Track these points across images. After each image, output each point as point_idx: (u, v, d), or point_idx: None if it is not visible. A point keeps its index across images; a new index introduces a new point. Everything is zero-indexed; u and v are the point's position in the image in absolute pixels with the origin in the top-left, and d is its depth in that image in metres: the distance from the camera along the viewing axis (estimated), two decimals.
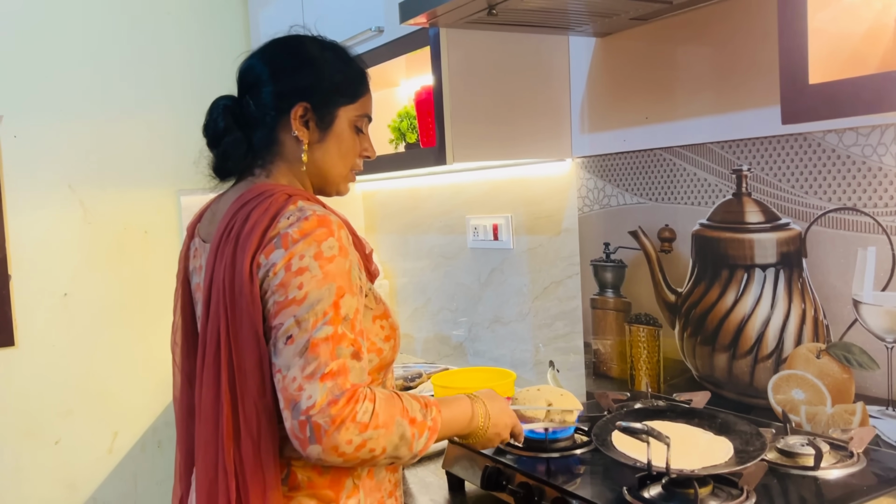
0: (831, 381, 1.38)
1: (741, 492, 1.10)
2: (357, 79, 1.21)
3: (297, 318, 0.99)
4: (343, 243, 1.04)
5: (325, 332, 0.98)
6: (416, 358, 2.62)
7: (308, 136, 1.16)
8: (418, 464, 1.61)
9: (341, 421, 0.96)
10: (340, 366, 0.98)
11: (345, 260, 1.03)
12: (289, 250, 1.01)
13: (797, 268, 1.42)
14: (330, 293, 1.00)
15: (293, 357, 0.98)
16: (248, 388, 1.03)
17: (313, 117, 1.16)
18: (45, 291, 2.50)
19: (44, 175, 2.49)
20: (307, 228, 1.03)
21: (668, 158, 1.65)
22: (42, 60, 2.48)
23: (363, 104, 1.21)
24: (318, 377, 0.97)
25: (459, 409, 1.14)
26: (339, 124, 1.18)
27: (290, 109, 1.15)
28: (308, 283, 1.00)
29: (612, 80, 1.77)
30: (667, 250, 1.67)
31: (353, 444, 0.97)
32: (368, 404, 0.98)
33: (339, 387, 0.97)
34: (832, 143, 1.34)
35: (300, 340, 0.98)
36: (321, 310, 0.99)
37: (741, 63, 1.49)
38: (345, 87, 1.18)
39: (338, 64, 1.19)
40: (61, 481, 2.53)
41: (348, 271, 1.03)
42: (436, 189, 2.45)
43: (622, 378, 1.81)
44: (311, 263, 1.01)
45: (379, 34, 1.90)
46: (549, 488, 1.21)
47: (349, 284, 1.03)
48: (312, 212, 1.05)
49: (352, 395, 0.97)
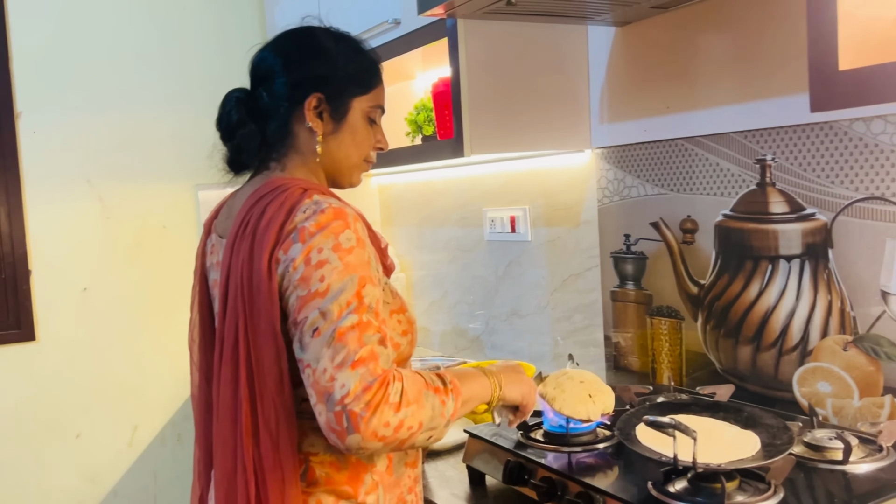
0: (858, 374, 1.35)
1: (768, 486, 1.08)
2: (370, 69, 1.20)
3: (322, 310, 0.98)
4: (360, 235, 1.04)
5: (351, 321, 0.98)
6: (433, 351, 2.61)
7: (322, 128, 1.15)
8: (438, 457, 1.60)
9: (377, 405, 0.95)
10: (370, 352, 0.97)
11: (363, 251, 1.03)
12: (307, 244, 1.01)
13: (823, 259, 1.39)
14: (353, 283, 1.00)
15: (321, 348, 0.97)
16: (267, 384, 1.03)
17: (327, 108, 1.15)
18: (65, 286, 2.51)
19: (63, 170, 2.50)
20: (324, 221, 1.02)
21: (689, 148, 1.62)
22: (60, 57, 2.49)
23: (376, 95, 1.20)
24: (349, 365, 0.96)
25: (471, 376, 1.14)
26: (353, 115, 1.17)
27: (304, 100, 1.14)
28: (329, 275, 0.99)
29: (632, 69, 1.75)
30: (689, 242, 1.64)
31: (390, 426, 0.96)
32: (398, 384, 0.98)
33: (371, 373, 0.96)
34: (860, 132, 1.31)
35: (326, 331, 0.97)
36: (345, 300, 0.99)
37: (764, 50, 1.46)
38: (358, 77, 1.17)
39: (351, 54, 1.18)
40: (82, 475, 2.55)
41: (368, 262, 1.03)
42: (452, 182, 2.43)
43: (643, 371, 1.79)
44: (330, 256, 1.00)
45: (396, 26, 1.88)
46: (573, 483, 1.20)
47: (370, 275, 1.02)
48: (328, 205, 1.04)
49: (384, 380, 0.97)
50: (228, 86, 1.23)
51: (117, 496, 2.61)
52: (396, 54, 1.90)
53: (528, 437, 1.38)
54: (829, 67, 0.95)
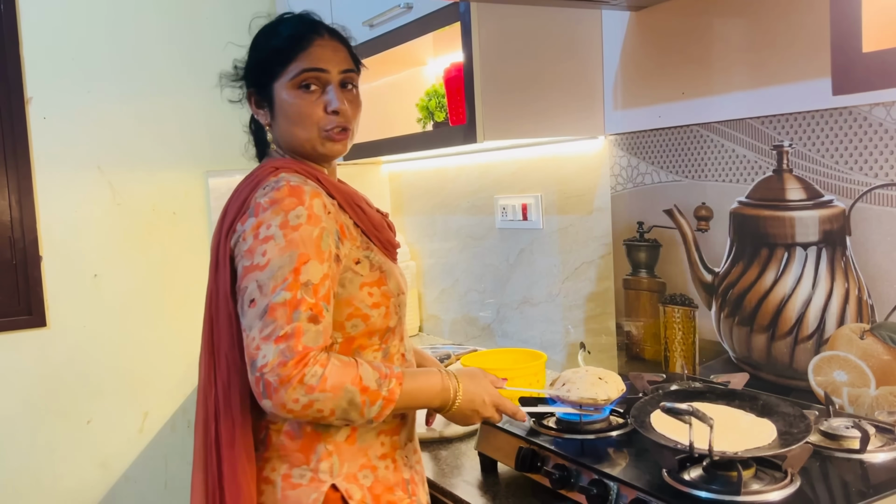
0: (875, 363, 1.34)
1: (785, 475, 1.08)
2: (282, 47, 1.21)
3: (259, 282, 1.08)
4: (314, 212, 1.11)
5: (283, 297, 1.06)
6: (444, 339, 2.60)
7: (264, 117, 1.25)
8: (450, 444, 1.60)
9: (288, 380, 1.03)
10: (295, 329, 1.05)
11: (313, 228, 1.10)
12: (258, 218, 1.11)
13: (840, 246, 1.37)
14: (291, 260, 1.07)
15: (254, 319, 1.07)
16: (223, 342, 1.16)
17: (261, 100, 1.25)
18: (76, 273, 2.51)
19: (73, 156, 2.50)
20: (277, 197, 1.11)
21: (705, 134, 1.60)
22: (71, 42, 2.48)
23: (297, 66, 1.20)
24: (273, 339, 1.05)
25: (427, 383, 1.18)
26: (278, 97, 1.22)
27: (248, 99, 1.27)
28: (271, 250, 1.08)
29: (647, 54, 1.73)
30: (703, 229, 1.63)
31: (299, 403, 1.04)
32: (318, 368, 1.05)
33: (290, 349, 1.04)
34: (879, 117, 1.29)
35: (261, 304, 1.07)
36: (281, 276, 1.07)
37: (783, 34, 1.44)
38: (266, 64, 1.22)
39: (259, 45, 1.25)
40: (93, 460, 2.56)
41: (316, 239, 1.10)
42: (463, 169, 2.42)
43: (655, 360, 1.78)
44: (276, 232, 1.09)
45: (408, 10, 1.86)
46: (586, 470, 1.19)
47: (316, 251, 1.09)
48: (286, 182, 1.13)
49: (301, 358, 1.04)
50: None
51: (128, 481, 2.62)
52: (408, 39, 1.89)
53: (541, 424, 1.38)
54: (853, 49, 0.93)
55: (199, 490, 1.18)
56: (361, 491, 1.19)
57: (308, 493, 1.16)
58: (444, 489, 1.38)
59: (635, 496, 1.09)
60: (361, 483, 1.19)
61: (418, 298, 2.74)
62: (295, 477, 1.17)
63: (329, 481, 1.17)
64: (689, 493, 1.06)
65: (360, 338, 1.20)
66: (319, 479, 1.17)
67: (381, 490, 1.21)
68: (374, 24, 1.99)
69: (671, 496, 1.06)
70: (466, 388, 1.20)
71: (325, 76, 1.20)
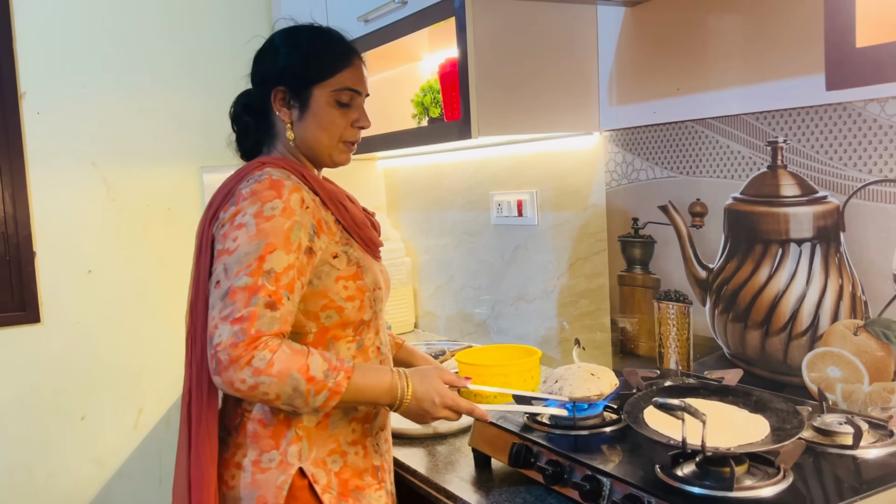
0: (869, 359, 1.34)
1: (778, 470, 1.07)
2: (330, 58, 1.30)
3: (226, 266, 1.15)
4: (290, 205, 1.17)
5: (245, 282, 1.13)
6: (439, 336, 2.60)
7: (289, 116, 1.30)
8: (444, 441, 1.60)
9: (237, 360, 1.09)
10: (251, 313, 1.11)
11: (286, 220, 1.16)
12: (237, 206, 1.18)
13: (834, 242, 1.37)
14: (258, 248, 1.14)
15: (217, 299, 1.14)
16: (199, 324, 1.21)
17: (291, 98, 1.29)
18: (70, 269, 2.50)
19: (67, 152, 2.49)
20: (257, 189, 1.18)
21: (699, 131, 1.60)
22: (65, 38, 2.47)
23: (340, 80, 1.29)
24: (230, 320, 1.11)
25: (375, 380, 1.21)
26: (316, 102, 1.29)
27: (271, 94, 1.30)
28: (242, 237, 1.15)
29: (642, 50, 1.73)
30: (698, 225, 1.63)
31: (245, 383, 1.10)
32: (267, 353, 1.10)
33: (243, 331, 1.10)
34: (874, 113, 1.29)
35: (224, 286, 1.14)
36: (246, 262, 1.14)
37: (778, 30, 1.44)
38: (315, 68, 1.29)
39: (307, 48, 1.30)
40: (88, 456, 2.56)
41: (287, 230, 1.16)
42: (459, 165, 2.42)
43: (650, 356, 1.78)
44: (249, 220, 1.16)
45: (402, 6, 1.86)
46: (579, 466, 1.19)
47: (284, 242, 1.15)
48: (268, 175, 1.20)
49: (252, 341, 1.10)
50: (234, 68, 1.34)
51: (122, 478, 2.62)
52: (403, 34, 1.88)
53: (535, 420, 1.37)
54: (847, 44, 0.93)
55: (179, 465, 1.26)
56: (328, 476, 1.25)
57: (276, 475, 1.22)
58: (438, 485, 1.38)
59: (628, 492, 1.09)
60: (329, 468, 1.25)
61: (414, 295, 2.73)
62: (264, 462, 1.23)
63: (296, 465, 1.22)
64: (682, 488, 1.06)
65: (333, 329, 1.26)
66: (287, 463, 1.22)
67: (350, 475, 1.27)
68: (369, 19, 1.99)
69: (664, 492, 1.06)
70: (415, 388, 1.22)
71: (358, 97, 1.32)
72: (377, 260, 1.38)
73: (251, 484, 1.22)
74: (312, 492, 1.23)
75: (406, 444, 1.58)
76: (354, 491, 1.27)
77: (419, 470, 1.45)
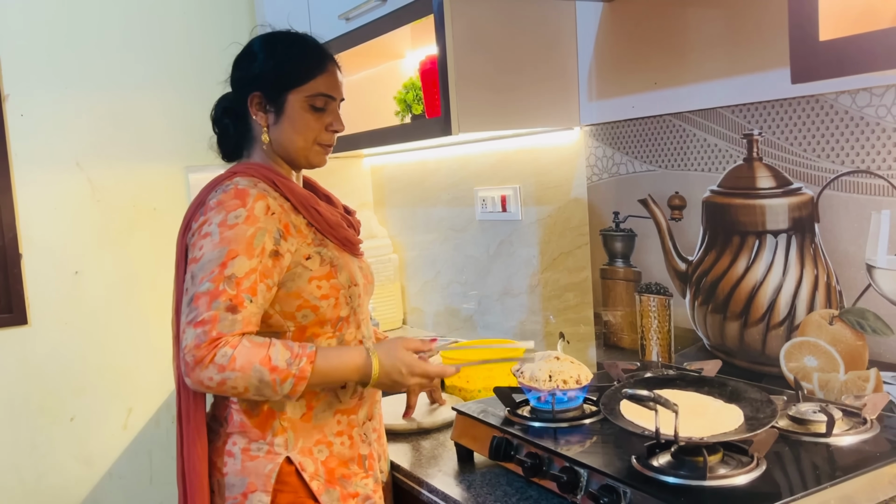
0: (844, 348, 1.35)
1: (751, 459, 1.09)
2: (304, 64, 1.33)
3: (192, 273, 1.22)
4: (254, 213, 1.23)
5: (206, 288, 1.19)
6: (427, 331, 2.61)
7: (265, 120, 1.34)
8: (428, 435, 1.61)
9: (201, 360, 1.16)
10: (212, 316, 1.17)
11: (249, 227, 1.22)
12: (205, 216, 1.25)
13: (809, 233, 1.39)
14: (220, 256, 1.20)
15: (184, 306, 1.21)
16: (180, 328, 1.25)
17: (267, 103, 1.33)
18: (57, 270, 2.51)
19: (51, 153, 2.49)
20: (223, 199, 1.24)
21: (677, 124, 1.61)
22: (47, 39, 2.47)
23: (314, 86, 1.33)
24: (193, 324, 1.18)
25: (342, 360, 1.26)
26: (290, 107, 1.32)
27: (247, 98, 1.33)
28: (206, 245, 1.22)
29: (620, 45, 1.74)
30: (677, 218, 1.64)
31: (213, 381, 1.16)
32: (228, 350, 1.16)
33: (205, 333, 1.17)
34: (845, 105, 1.31)
35: (190, 292, 1.21)
36: (209, 269, 1.20)
37: (751, 24, 1.45)
38: (290, 74, 1.32)
39: (283, 54, 1.33)
40: (77, 457, 2.56)
41: (250, 237, 1.21)
42: (443, 161, 2.42)
43: (633, 348, 1.79)
44: (214, 230, 1.22)
45: (381, 4, 1.86)
46: (558, 458, 1.20)
47: (246, 248, 1.21)
48: (234, 185, 1.25)
49: (212, 341, 1.16)
50: (216, 68, 1.36)
51: (112, 478, 2.62)
52: (383, 32, 1.89)
53: (515, 413, 1.39)
54: (810, 38, 0.94)
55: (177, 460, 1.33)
56: (315, 464, 1.30)
57: (264, 464, 1.28)
58: (421, 479, 1.39)
59: (604, 482, 1.10)
60: (316, 457, 1.31)
61: (401, 291, 2.74)
62: (253, 450, 1.29)
63: (284, 454, 1.29)
64: (657, 478, 1.07)
65: (311, 327, 1.31)
66: (275, 452, 1.28)
67: (336, 464, 1.33)
68: (350, 17, 1.99)
69: (639, 482, 1.07)
70: (382, 362, 1.28)
71: (332, 102, 1.36)
72: (356, 257, 1.42)
73: (241, 471, 1.28)
74: (300, 478, 1.29)
75: (391, 439, 1.59)
76: (341, 479, 1.32)
77: (403, 465, 1.46)
